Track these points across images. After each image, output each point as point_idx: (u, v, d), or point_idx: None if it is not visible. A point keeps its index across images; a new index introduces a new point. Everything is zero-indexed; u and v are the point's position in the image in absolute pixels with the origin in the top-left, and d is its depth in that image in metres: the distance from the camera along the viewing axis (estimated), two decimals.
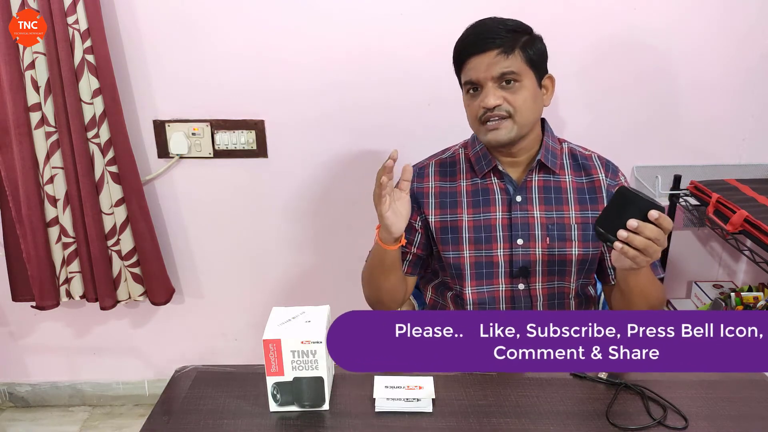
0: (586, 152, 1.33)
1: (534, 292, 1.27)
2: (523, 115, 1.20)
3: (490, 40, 1.19)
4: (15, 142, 1.73)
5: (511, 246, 1.26)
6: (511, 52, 1.19)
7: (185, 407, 1.02)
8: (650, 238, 0.99)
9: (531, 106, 1.21)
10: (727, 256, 2.06)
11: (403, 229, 1.17)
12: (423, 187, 1.31)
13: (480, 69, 1.19)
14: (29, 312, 1.99)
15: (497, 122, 1.20)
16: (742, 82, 1.83)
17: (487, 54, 1.19)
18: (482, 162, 1.28)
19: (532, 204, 1.27)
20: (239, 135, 1.85)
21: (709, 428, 0.96)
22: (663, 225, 0.99)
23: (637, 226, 0.99)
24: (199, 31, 1.75)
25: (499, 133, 1.20)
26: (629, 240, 1.00)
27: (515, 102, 1.19)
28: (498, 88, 1.19)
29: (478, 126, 1.24)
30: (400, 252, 1.27)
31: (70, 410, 2.18)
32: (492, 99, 1.18)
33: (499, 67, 1.18)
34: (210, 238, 1.99)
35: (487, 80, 1.19)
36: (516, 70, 1.19)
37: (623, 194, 1.02)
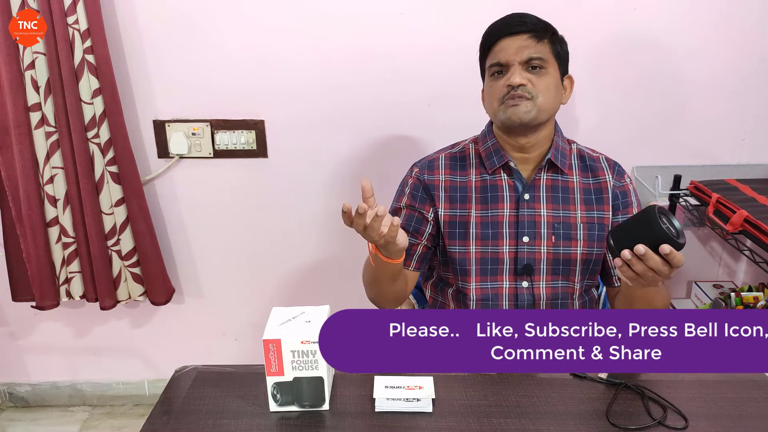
0: (594, 154, 1.34)
1: (537, 291, 1.27)
2: (544, 100, 1.21)
3: (522, 24, 1.22)
4: (15, 142, 1.73)
5: (517, 243, 1.27)
6: (541, 39, 1.22)
7: (185, 407, 1.02)
8: (653, 269, 0.95)
9: (553, 94, 1.23)
10: (727, 256, 2.06)
11: (406, 240, 1.15)
12: (434, 179, 1.31)
13: (510, 50, 1.22)
14: (29, 312, 1.99)
15: (518, 100, 1.21)
16: (742, 82, 1.83)
17: (518, 36, 1.22)
18: (493, 157, 1.29)
19: (540, 202, 1.27)
20: (239, 135, 1.85)
21: (709, 428, 0.96)
22: (672, 262, 0.94)
23: (644, 253, 0.93)
24: (199, 31, 1.75)
25: (518, 109, 1.20)
26: (630, 263, 0.96)
27: (539, 85, 1.21)
28: (524, 70, 1.21)
29: (497, 106, 1.24)
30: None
31: (70, 410, 2.18)
32: (518, 77, 1.20)
33: (528, 51, 1.21)
34: (210, 238, 1.99)
35: (515, 62, 1.21)
36: (544, 57, 1.22)
37: (648, 214, 0.95)
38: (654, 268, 0.95)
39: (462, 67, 1.47)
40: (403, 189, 1.36)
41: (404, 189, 1.35)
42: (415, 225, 1.32)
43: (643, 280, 0.98)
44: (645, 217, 0.95)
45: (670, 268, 0.96)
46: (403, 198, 1.34)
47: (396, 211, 1.35)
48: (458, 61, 1.67)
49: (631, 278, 0.99)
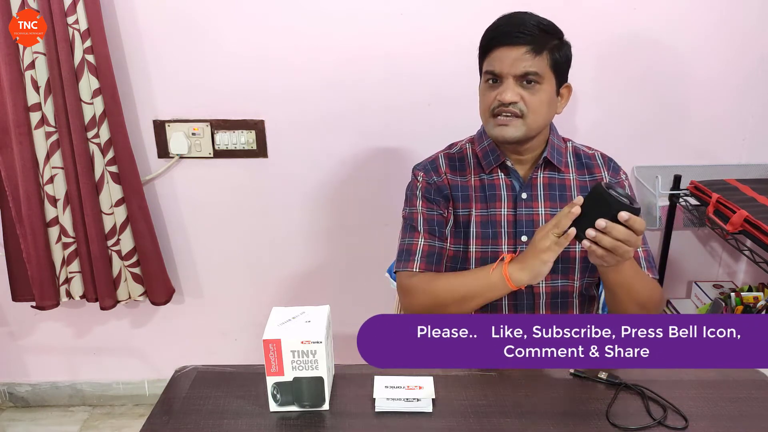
0: (590, 151, 1.34)
1: (537, 290, 1.27)
2: (535, 117, 1.20)
3: (522, 36, 1.18)
4: (15, 142, 1.73)
5: (515, 243, 1.27)
6: (539, 53, 1.18)
7: (185, 407, 1.02)
8: (619, 239, 1.00)
9: (545, 111, 1.22)
10: (727, 256, 2.05)
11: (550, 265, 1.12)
12: (442, 180, 1.31)
13: (505, 62, 1.19)
14: (29, 312, 1.99)
15: (508, 119, 1.20)
16: (742, 82, 1.83)
17: (516, 48, 1.18)
18: (490, 157, 1.29)
19: (538, 201, 1.27)
20: (239, 135, 1.85)
21: (709, 428, 0.96)
22: (634, 227, 1.00)
23: (605, 227, 1.00)
24: (199, 31, 1.75)
25: (506, 130, 1.20)
26: (597, 239, 1.01)
27: (531, 103, 1.19)
28: (518, 85, 1.19)
29: (487, 117, 1.23)
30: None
31: (70, 410, 2.18)
32: (509, 95, 1.18)
33: (524, 66, 1.18)
34: (210, 238, 1.99)
35: (509, 76, 1.19)
36: (540, 72, 1.19)
37: (598, 192, 1.01)
38: (621, 239, 1.00)
39: (462, 67, 1.47)
40: (414, 193, 1.33)
41: (415, 193, 1.32)
42: (438, 228, 1.29)
43: (616, 255, 1.02)
44: (595, 195, 1.02)
45: (636, 236, 1.01)
46: (417, 202, 1.31)
47: (412, 216, 1.32)
48: (459, 62, 1.67)
49: (603, 256, 1.03)
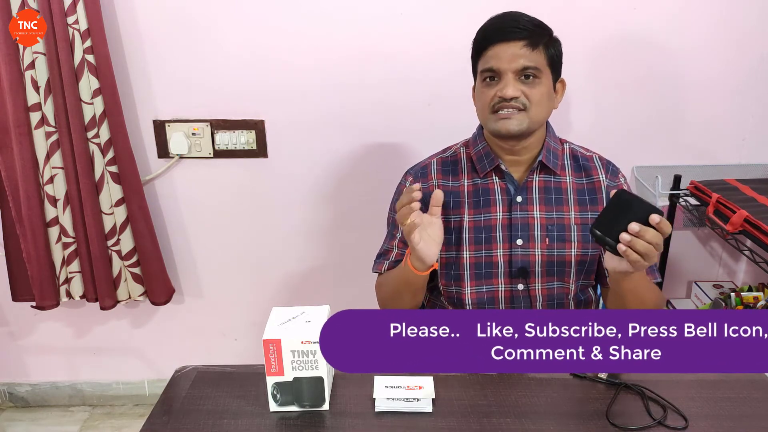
0: (588, 153, 1.33)
1: (533, 293, 1.27)
2: (537, 110, 1.20)
3: (517, 30, 1.18)
4: (15, 142, 1.73)
5: (511, 246, 1.26)
6: (535, 47, 1.19)
7: (185, 407, 1.02)
8: (651, 243, 0.98)
9: (545, 104, 1.22)
10: (727, 256, 2.06)
11: (436, 255, 1.15)
12: (428, 187, 1.30)
13: (503, 58, 1.19)
14: (29, 312, 1.99)
15: (510, 112, 1.19)
16: (742, 82, 1.83)
17: (512, 43, 1.18)
18: (484, 161, 1.28)
19: (533, 204, 1.27)
20: (239, 135, 1.85)
21: (709, 428, 0.96)
22: (663, 230, 0.98)
23: (638, 230, 0.97)
24: (199, 31, 1.75)
25: (510, 123, 1.20)
26: (632, 244, 0.98)
27: (532, 96, 1.19)
28: (517, 80, 1.19)
29: (488, 114, 1.23)
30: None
31: (70, 410, 2.18)
32: (511, 90, 1.18)
33: (523, 60, 1.18)
34: (210, 238, 1.99)
35: (508, 71, 1.19)
36: (538, 66, 1.19)
37: (622, 197, 1.01)
38: (652, 242, 0.98)
39: (462, 67, 1.46)
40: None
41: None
42: None
43: (645, 259, 1.00)
44: (622, 200, 1.01)
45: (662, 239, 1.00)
46: None
47: (393, 221, 1.33)
48: (458, 62, 1.66)
49: (635, 261, 1.00)
